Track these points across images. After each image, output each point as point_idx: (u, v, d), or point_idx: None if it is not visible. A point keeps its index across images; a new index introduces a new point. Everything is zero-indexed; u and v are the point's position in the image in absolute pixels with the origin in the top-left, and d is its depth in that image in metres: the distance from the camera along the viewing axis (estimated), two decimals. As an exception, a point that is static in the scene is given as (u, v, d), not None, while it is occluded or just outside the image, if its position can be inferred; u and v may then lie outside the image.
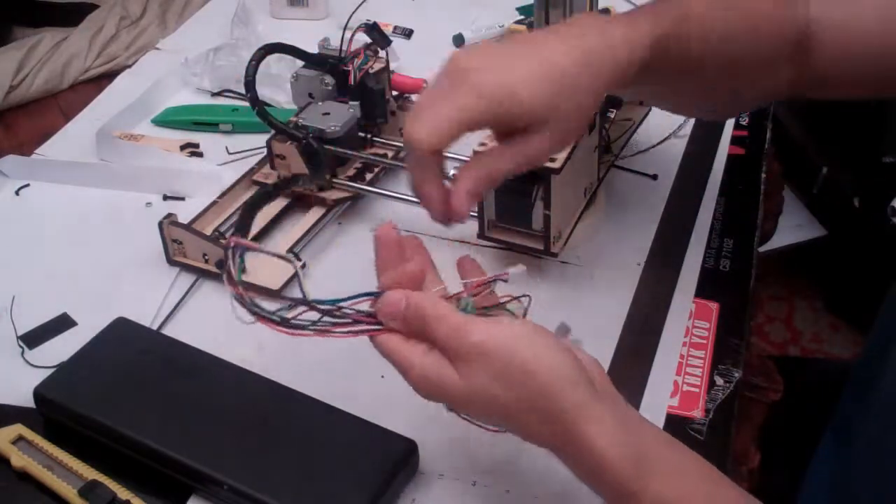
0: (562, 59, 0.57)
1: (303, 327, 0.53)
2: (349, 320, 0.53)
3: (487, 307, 0.55)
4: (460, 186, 0.57)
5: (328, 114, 0.84)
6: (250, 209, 0.71)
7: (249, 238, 0.81)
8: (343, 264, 0.80)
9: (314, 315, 0.53)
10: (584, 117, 0.59)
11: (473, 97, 0.55)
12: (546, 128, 0.56)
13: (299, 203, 0.85)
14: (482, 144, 0.67)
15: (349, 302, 0.53)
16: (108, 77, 1.08)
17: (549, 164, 0.69)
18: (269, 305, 0.53)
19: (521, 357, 0.49)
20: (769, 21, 0.65)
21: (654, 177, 0.87)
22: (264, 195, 0.77)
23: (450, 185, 0.58)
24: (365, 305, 0.54)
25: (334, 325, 0.53)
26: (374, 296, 0.54)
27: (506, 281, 0.55)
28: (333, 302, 0.53)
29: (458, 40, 1.09)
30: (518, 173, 0.59)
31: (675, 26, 0.61)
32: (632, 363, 0.70)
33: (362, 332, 0.54)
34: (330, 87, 0.86)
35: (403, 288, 0.54)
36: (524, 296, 0.55)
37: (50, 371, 0.68)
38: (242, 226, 0.68)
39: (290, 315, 0.53)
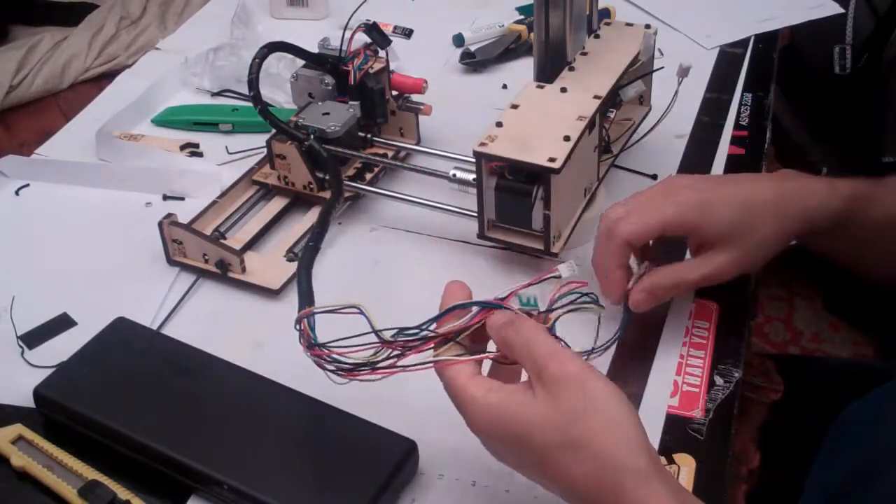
0: (760, 193, 0.65)
1: (389, 367, 0.54)
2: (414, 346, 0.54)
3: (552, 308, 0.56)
4: (644, 281, 0.65)
5: (328, 114, 0.84)
6: (308, 268, 0.66)
7: (249, 239, 0.81)
8: (343, 264, 0.80)
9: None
10: (769, 251, 0.65)
11: (677, 207, 0.64)
12: (732, 248, 0.63)
13: (299, 203, 0.85)
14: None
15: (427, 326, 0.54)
16: (108, 77, 1.08)
17: (548, 164, 0.69)
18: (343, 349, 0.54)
19: (610, 404, 0.50)
20: None
21: (654, 177, 0.87)
22: (313, 250, 0.70)
23: (633, 281, 0.67)
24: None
25: (403, 355, 0.54)
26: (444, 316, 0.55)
27: (558, 277, 0.56)
28: (412, 332, 0.54)
29: (458, 40, 1.09)
30: (694, 289, 0.66)
31: (876, 186, 0.67)
32: (632, 363, 0.70)
33: (440, 362, 0.54)
34: (330, 87, 0.86)
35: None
36: (600, 306, 0.57)
37: (50, 371, 0.68)
38: (308, 291, 0.63)
39: (377, 359, 0.54)
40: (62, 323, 0.75)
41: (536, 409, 0.50)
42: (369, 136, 0.88)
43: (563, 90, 0.77)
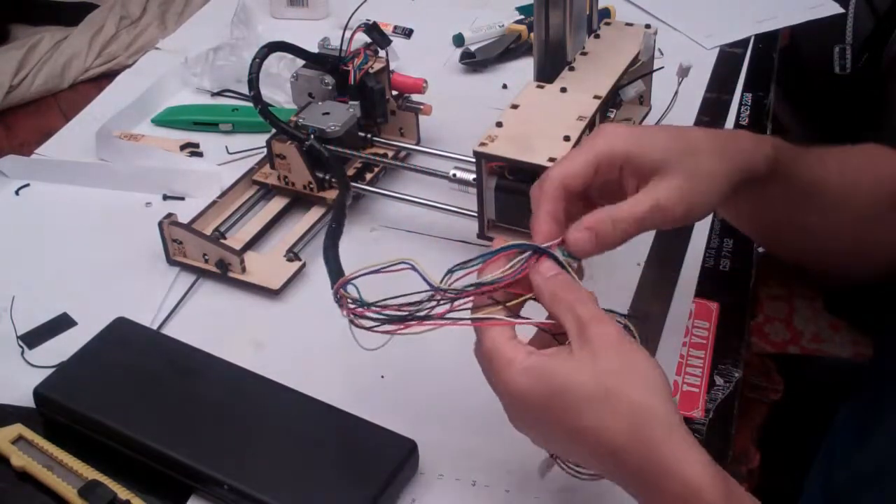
0: (694, 131, 0.62)
1: (439, 316, 0.53)
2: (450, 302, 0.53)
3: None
4: (585, 218, 0.58)
5: (328, 113, 0.84)
6: (334, 247, 0.65)
7: (249, 239, 0.81)
8: (343, 264, 0.80)
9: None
10: (715, 188, 0.59)
11: (607, 139, 0.59)
12: (674, 175, 0.58)
13: (299, 203, 0.85)
14: None
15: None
16: (108, 77, 1.08)
17: (548, 164, 0.69)
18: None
19: (648, 367, 0.51)
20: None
21: (654, 177, 0.87)
22: (337, 230, 0.69)
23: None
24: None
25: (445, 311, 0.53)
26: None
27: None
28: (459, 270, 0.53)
29: (458, 40, 1.09)
30: (645, 227, 0.59)
31: (801, 150, 0.65)
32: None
33: (486, 321, 0.53)
34: (330, 87, 0.86)
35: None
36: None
37: (50, 371, 0.68)
38: (338, 270, 0.62)
39: (425, 309, 0.53)
40: (62, 323, 0.75)
41: (575, 364, 0.51)
42: (369, 136, 0.88)
43: (563, 90, 0.77)
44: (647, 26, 0.85)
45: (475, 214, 0.76)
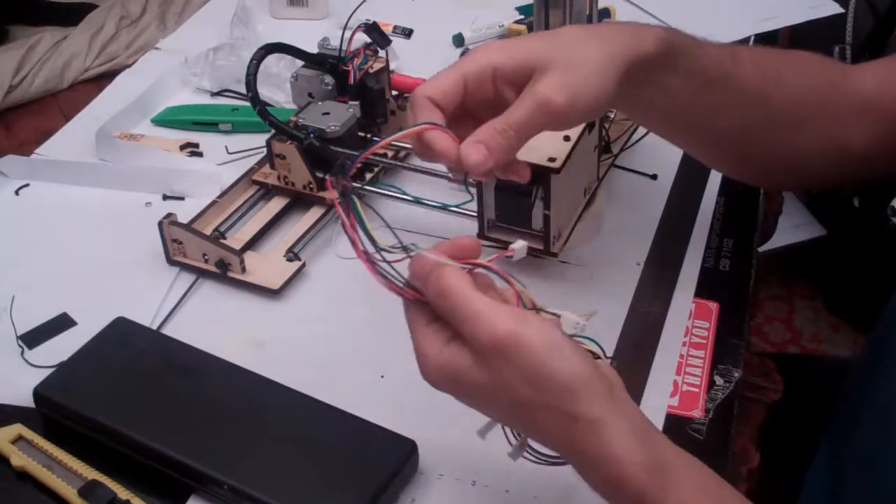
0: (566, 28, 0.59)
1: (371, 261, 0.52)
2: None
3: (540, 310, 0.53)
4: (470, 137, 0.55)
5: (328, 113, 0.84)
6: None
7: (249, 239, 0.81)
8: (343, 264, 0.80)
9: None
10: (601, 73, 0.56)
11: (475, 53, 0.57)
12: (554, 69, 0.55)
13: (299, 203, 0.85)
14: None
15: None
16: (107, 77, 1.08)
17: (548, 164, 0.69)
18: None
19: (548, 358, 0.48)
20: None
21: (654, 177, 0.87)
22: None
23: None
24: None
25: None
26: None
27: (511, 258, 0.54)
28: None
29: (458, 40, 1.09)
30: (536, 129, 0.56)
31: (701, 39, 0.63)
32: (632, 363, 0.70)
33: (403, 291, 0.52)
34: (330, 87, 0.86)
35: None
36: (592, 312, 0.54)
37: (50, 371, 0.68)
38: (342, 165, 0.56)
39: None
40: (62, 323, 0.75)
41: (479, 378, 0.50)
42: (369, 136, 0.88)
43: (563, 90, 0.77)
44: (647, 26, 0.85)
45: (475, 214, 0.76)
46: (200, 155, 0.94)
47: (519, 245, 0.54)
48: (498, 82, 0.57)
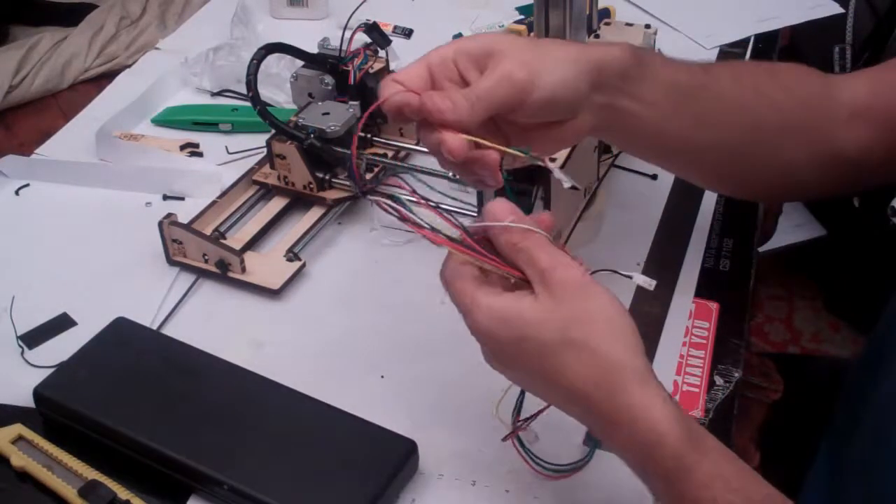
0: (536, 39, 0.59)
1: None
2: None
3: None
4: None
5: (328, 113, 0.84)
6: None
7: (249, 239, 0.81)
8: (343, 264, 0.80)
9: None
10: (560, 66, 0.58)
11: (438, 49, 0.58)
12: (516, 52, 0.57)
13: (299, 203, 0.85)
14: None
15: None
16: (107, 77, 1.08)
17: (548, 164, 0.69)
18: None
19: (613, 307, 0.52)
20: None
21: (654, 177, 0.87)
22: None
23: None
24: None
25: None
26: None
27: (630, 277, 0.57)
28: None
29: (458, 40, 1.09)
30: (499, 101, 0.57)
31: (660, 55, 0.64)
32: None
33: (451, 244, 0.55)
34: (330, 87, 0.86)
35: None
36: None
37: (50, 371, 0.68)
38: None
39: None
40: (62, 323, 0.75)
41: (538, 309, 0.51)
42: (369, 136, 0.88)
43: (563, 90, 0.77)
44: (647, 26, 0.85)
45: (475, 214, 0.76)
46: (200, 155, 0.94)
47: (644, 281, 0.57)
48: (461, 65, 0.58)
